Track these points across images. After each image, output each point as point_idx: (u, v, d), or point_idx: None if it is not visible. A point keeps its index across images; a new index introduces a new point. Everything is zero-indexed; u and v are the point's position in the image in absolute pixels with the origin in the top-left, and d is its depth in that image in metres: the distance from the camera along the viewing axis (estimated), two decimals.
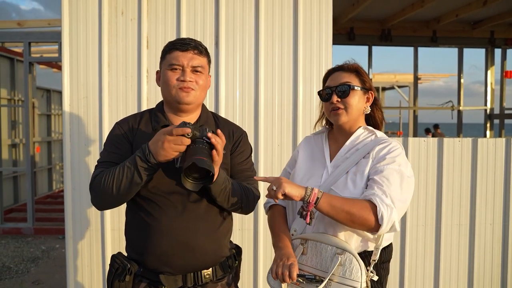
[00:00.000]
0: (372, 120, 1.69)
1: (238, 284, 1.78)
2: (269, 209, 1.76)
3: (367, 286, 1.46)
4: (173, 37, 2.77)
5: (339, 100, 1.59)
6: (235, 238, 2.83)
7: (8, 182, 7.58)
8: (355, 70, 1.63)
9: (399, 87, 13.43)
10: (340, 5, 5.62)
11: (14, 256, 5.10)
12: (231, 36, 2.80)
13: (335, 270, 1.44)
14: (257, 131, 2.82)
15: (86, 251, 2.78)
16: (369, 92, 1.63)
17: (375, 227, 1.42)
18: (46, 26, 6.50)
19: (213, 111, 2.80)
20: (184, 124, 1.42)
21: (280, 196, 1.40)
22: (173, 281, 1.56)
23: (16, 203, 7.78)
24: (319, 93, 1.66)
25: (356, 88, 1.59)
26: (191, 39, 1.61)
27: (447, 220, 2.97)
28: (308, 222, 1.43)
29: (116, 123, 1.66)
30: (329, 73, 1.68)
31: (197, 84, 1.56)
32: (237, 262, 1.75)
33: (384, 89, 13.87)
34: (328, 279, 1.44)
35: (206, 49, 1.62)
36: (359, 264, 1.44)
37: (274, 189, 1.41)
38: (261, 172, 2.81)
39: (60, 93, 8.91)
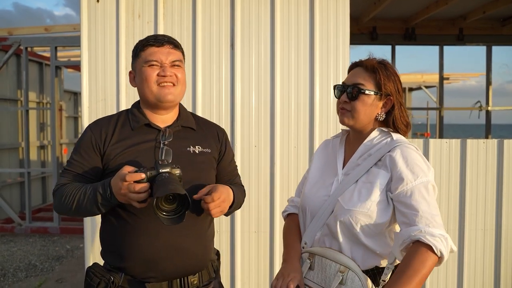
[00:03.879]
0: (395, 125, 1.47)
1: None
2: (287, 217, 1.68)
3: None
4: (189, 39, 2.78)
5: (347, 101, 1.45)
6: (251, 241, 2.82)
7: (36, 182, 7.81)
8: (373, 70, 1.43)
9: (426, 87, 13.11)
10: (362, 4, 5.51)
11: (40, 255, 5.25)
12: (246, 38, 2.78)
13: None
14: (273, 132, 2.79)
15: None
16: (387, 97, 1.44)
17: (439, 261, 1.31)
18: (71, 31, 6.67)
19: (228, 113, 2.81)
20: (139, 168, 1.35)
21: None
22: None
23: (44, 203, 8.01)
24: (333, 87, 1.53)
25: (367, 92, 1.42)
26: (163, 35, 1.57)
27: (471, 224, 2.86)
28: None
29: (89, 126, 1.56)
30: (351, 67, 1.53)
31: (177, 78, 1.52)
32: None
33: (410, 89, 13.56)
34: None
35: (180, 44, 1.59)
36: (362, 283, 1.33)
37: None
38: (277, 173, 2.78)
39: None
